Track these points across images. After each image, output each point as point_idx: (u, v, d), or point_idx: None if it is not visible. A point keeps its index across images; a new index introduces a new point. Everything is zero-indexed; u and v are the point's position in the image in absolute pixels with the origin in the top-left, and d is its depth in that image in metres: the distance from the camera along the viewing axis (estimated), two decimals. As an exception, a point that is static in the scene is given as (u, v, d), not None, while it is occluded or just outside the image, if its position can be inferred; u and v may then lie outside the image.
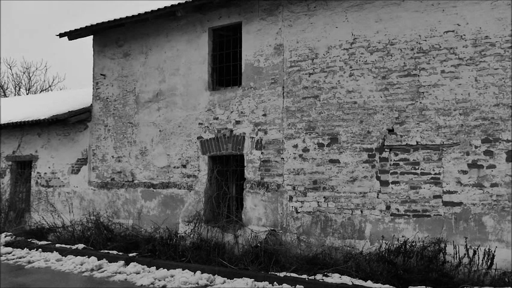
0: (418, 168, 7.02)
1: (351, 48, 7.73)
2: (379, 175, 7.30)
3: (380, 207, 7.24)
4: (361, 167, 7.46)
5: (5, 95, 28.10)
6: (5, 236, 10.20)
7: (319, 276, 6.73)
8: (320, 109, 7.92)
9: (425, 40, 7.12)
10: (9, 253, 9.50)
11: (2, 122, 12.33)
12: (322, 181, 7.79)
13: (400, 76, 7.26)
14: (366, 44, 7.60)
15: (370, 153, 7.41)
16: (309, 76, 8.08)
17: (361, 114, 7.53)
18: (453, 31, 6.94)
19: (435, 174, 6.89)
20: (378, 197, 7.28)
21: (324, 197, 7.75)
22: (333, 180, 7.69)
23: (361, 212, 7.39)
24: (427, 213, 6.90)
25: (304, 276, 6.77)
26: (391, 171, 7.22)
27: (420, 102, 7.08)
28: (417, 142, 7.05)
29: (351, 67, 7.69)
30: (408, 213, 7.03)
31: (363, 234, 7.34)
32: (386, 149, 7.29)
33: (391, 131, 7.27)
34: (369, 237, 7.28)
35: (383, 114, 7.35)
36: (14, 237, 10.23)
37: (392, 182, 7.18)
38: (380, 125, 7.36)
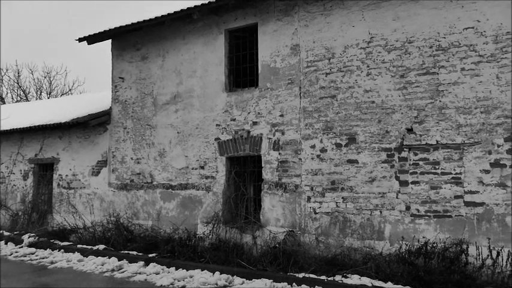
0: (438, 168, 6.91)
1: (368, 47, 7.66)
2: (398, 175, 7.21)
3: (399, 208, 7.15)
4: (379, 167, 7.39)
5: (27, 99, 28.72)
6: (29, 237, 10.42)
7: (338, 277, 6.69)
8: (337, 109, 7.87)
9: (444, 37, 7.01)
10: (32, 253, 9.70)
11: (25, 126, 12.60)
12: (340, 181, 7.74)
13: (419, 74, 7.16)
14: (383, 43, 7.52)
15: (389, 153, 7.33)
16: (326, 76, 8.04)
17: (379, 114, 7.46)
18: (473, 27, 6.81)
19: (456, 174, 6.77)
20: (397, 197, 7.19)
21: (343, 198, 7.70)
22: (351, 181, 7.63)
23: (380, 212, 7.32)
24: (448, 214, 6.78)
25: (323, 277, 6.73)
26: (410, 171, 7.12)
27: (440, 101, 6.97)
28: (437, 141, 6.95)
29: (368, 66, 7.62)
30: (429, 214, 6.93)
31: (382, 235, 7.26)
32: (405, 149, 7.20)
33: (410, 130, 7.17)
34: (389, 238, 7.19)
35: (401, 113, 7.26)
36: (37, 238, 10.43)
37: (412, 182, 7.09)
38: (399, 124, 7.27)
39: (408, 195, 7.10)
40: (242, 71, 9.60)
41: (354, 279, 6.58)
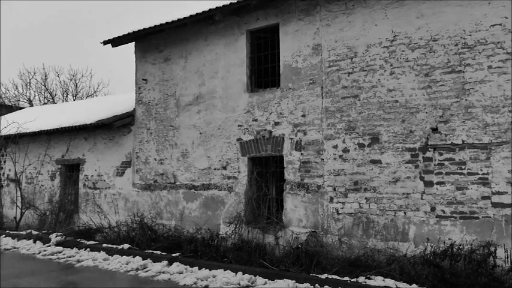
0: (464, 168, 6.77)
1: (391, 45, 7.56)
2: (423, 175, 7.09)
3: (424, 209, 7.03)
4: (403, 167, 7.28)
5: (53, 102, 29.43)
6: (56, 236, 10.66)
7: (361, 279, 6.62)
8: (360, 109, 7.79)
9: (470, 35, 6.86)
10: (59, 252, 9.92)
11: (52, 128, 12.91)
12: (363, 182, 7.66)
13: (444, 73, 7.03)
14: (407, 41, 7.41)
15: (413, 153, 7.21)
16: (348, 75, 7.97)
17: (403, 113, 7.35)
18: (500, 24, 6.64)
19: (483, 174, 6.62)
20: (422, 198, 7.07)
21: (366, 198, 7.62)
22: (375, 181, 7.54)
23: (405, 213, 7.21)
24: (475, 215, 6.63)
25: (346, 278, 6.67)
26: (435, 172, 6.99)
27: (466, 100, 6.83)
28: (463, 141, 6.80)
29: (391, 65, 7.53)
30: (455, 215, 6.79)
31: (406, 236, 7.16)
32: (430, 149, 7.07)
33: (435, 129, 7.04)
34: (413, 239, 7.08)
35: (426, 112, 7.13)
36: (64, 237, 10.66)
37: (437, 183, 6.96)
38: (423, 123, 7.15)
39: (433, 196, 6.98)
40: (264, 72, 9.61)
41: (378, 280, 6.50)
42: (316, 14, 8.45)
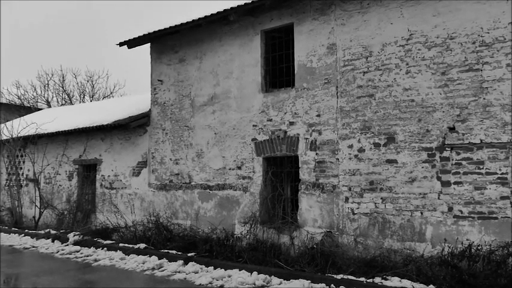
0: (482, 168, 6.66)
1: (407, 44, 7.48)
2: (440, 175, 7.00)
3: (441, 209, 6.95)
4: (420, 167, 7.20)
5: (71, 103, 29.86)
6: (74, 236, 10.81)
7: (377, 280, 6.57)
8: (376, 108, 7.74)
9: (488, 32, 6.75)
10: (77, 251, 10.07)
11: (69, 128, 13.11)
12: (379, 182, 7.60)
13: (461, 71, 6.93)
14: (423, 40, 7.33)
15: (430, 152, 7.13)
16: (364, 75, 7.92)
17: (419, 113, 7.27)
18: (519, 21, 6.52)
19: (502, 173, 6.51)
20: (439, 198, 6.99)
21: (382, 198, 7.56)
22: (391, 181, 7.48)
23: (421, 213, 7.13)
24: (494, 215, 6.53)
25: (362, 279, 6.62)
26: (453, 171, 6.90)
27: (484, 98, 6.72)
28: (481, 140, 6.70)
29: (407, 64, 7.45)
30: (473, 215, 6.69)
31: (423, 236, 7.08)
32: (447, 148, 6.98)
33: (452, 129, 6.95)
34: (430, 239, 7.00)
35: (443, 111, 7.05)
36: (81, 236, 10.81)
37: (455, 183, 6.86)
38: (440, 123, 7.06)
39: (450, 196, 6.88)
40: (278, 72, 9.61)
41: (394, 281, 6.44)
42: (331, 14, 8.41)
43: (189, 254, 8.69)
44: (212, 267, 8.05)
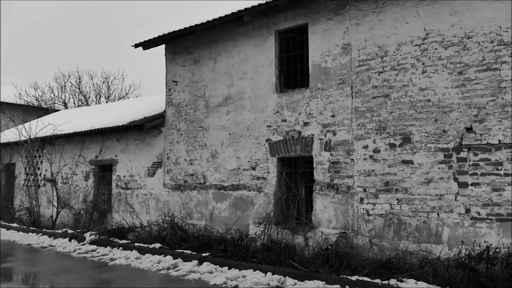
0: (501, 169, 6.55)
1: (423, 43, 7.40)
2: (457, 176, 6.90)
3: (458, 211, 6.85)
4: (436, 167, 7.11)
5: (87, 104, 30.23)
6: (90, 235, 10.95)
7: (393, 281, 6.51)
8: (391, 108, 7.67)
9: (507, 31, 6.64)
10: (94, 250, 10.19)
11: (85, 129, 13.28)
12: (394, 182, 7.53)
13: (479, 71, 6.83)
14: (439, 39, 7.24)
15: (447, 153, 7.04)
16: (379, 75, 7.86)
17: (436, 113, 7.18)
18: (539, 20, 6.40)
19: (521, 175, 6.38)
20: (455, 199, 6.89)
21: (397, 199, 7.48)
22: (406, 182, 7.40)
23: (438, 215, 7.04)
24: (512, 217, 6.41)
25: (377, 280, 6.57)
26: (470, 172, 6.80)
27: (502, 98, 6.61)
28: (499, 141, 6.59)
29: (423, 64, 7.37)
30: (491, 217, 6.58)
31: (440, 238, 6.99)
32: (464, 149, 6.88)
33: (469, 129, 6.85)
34: (447, 241, 6.90)
35: (460, 112, 6.95)
36: (98, 236, 10.94)
37: (472, 184, 6.76)
38: (457, 123, 6.96)
39: (468, 197, 6.78)
40: (292, 72, 9.59)
41: (410, 283, 6.38)
42: (345, 13, 8.37)
43: (204, 254, 8.72)
44: (226, 267, 8.08)
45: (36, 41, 64.02)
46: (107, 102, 30.70)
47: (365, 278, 6.69)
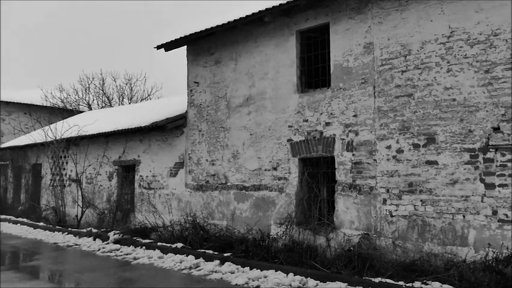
0: (529, 170, 6.36)
1: (448, 42, 7.25)
2: (484, 177, 6.73)
3: (485, 212, 6.68)
4: (462, 168, 6.95)
5: (110, 105, 30.73)
6: (114, 234, 11.12)
7: (417, 284, 6.40)
8: (415, 108, 7.54)
9: (536, 28, 6.44)
10: (117, 249, 10.35)
11: (109, 130, 13.50)
12: (418, 183, 7.40)
13: (506, 69, 6.65)
14: (465, 37, 7.08)
15: (473, 153, 6.87)
16: (402, 74, 7.74)
17: (461, 112, 7.03)
18: None
19: (551, 175, 6.19)
20: (482, 201, 6.72)
21: (421, 200, 7.35)
22: (431, 183, 7.26)
23: (463, 216, 6.89)
24: (542, 219, 6.21)
25: (401, 283, 6.47)
26: (497, 173, 6.62)
27: (531, 97, 6.42)
28: (528, 140, 6.39)
29: (448, 62, 7.22)
30: (519, 219, 6.39)
31: (465, 240, 6.83)
32: (491, 149, 6.71)
33: (496, 129, 6.67)
34: (473, 244, 6.74)
35: (486, 111, 6.78)
36: (121, 235, 11.10)
37: (500, 185, 6.58)
38: (483, 123, 6.80)
39: (495, 199, 6.61)
40: (314, 72, 9.53)
41: (435, 286, 6.26)
42: (367, 12, 8.27)
43: (225, 254, 8.76)
44: (248, 267, 8.09)
45: (61, 43, 65.49)
46: (129, 103, 31.14)
47: (388, 280, 6.60)
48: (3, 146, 20.73)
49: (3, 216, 17.35)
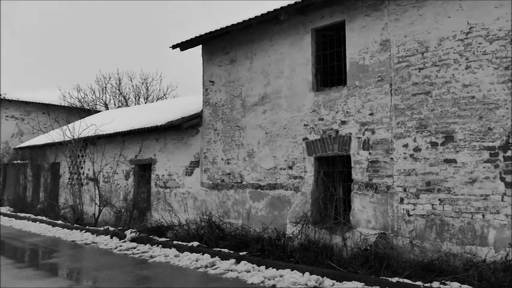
0: (552, 168, 6.21)
1: (466, 38, 7.13)
2: (504, 176, 6.60)
3: (506, 212, 6.55)
4: (481, 167, 6.83)
5: (127, 105, 31.03)
6: (131, 233, 11.22)
7: (435, 284, 6.31)
8: (432, 106, 7.43)
9: (558, 23, 6.29)
10: (134, 248, 10.45)
11: (125, 129, 13.62)
12: (436, 182, 7.29)
13: (527, 65, 6.50)
14: (484, 33, 6.95)
15: (492, 152, 6.74)
16: (419, 71, 7.63)
17: (480, 110, 6.90)
18: None
19: None
20: (502, 200, 6.59)
21: (439, 199, 7.24)
22: (449, 182, 7.15)
23: (483, 216, 6.76)
24: None
25: (419, 283, 6.39)
26: (518, 172, 6.48)
27: (553, 94, 6.27)
28: (550, 138, 6.25)
29: (467, 59, 7.09)
30: (541, 219, 6.25)
31: (485, 240, 6.71)
32: (511, 147, 6.57)
33: (517, 126, 6.53)
34: (493, 244, 6.62)
35: (507, 108, 6.64)
36: (138, 233, 11.20)
37: (520, 184, 6.44)
38: (503, 120, 6.66)
39: (516, 197, 6.47)
40: (329, 70, 9.47)
41: (454, 286, 6.17)
42: (384, 9, 8.18)
43: (241, 253, 8.76)
44: (264, 266, 8.08)
45: (78, 44, 66.38)
46: (145, 103, 31.40)
47: (406, 280, 6.52)
48: (22, 145, 21.12)
49: (22, 214, 17.66)
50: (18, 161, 21.64)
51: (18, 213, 18.20)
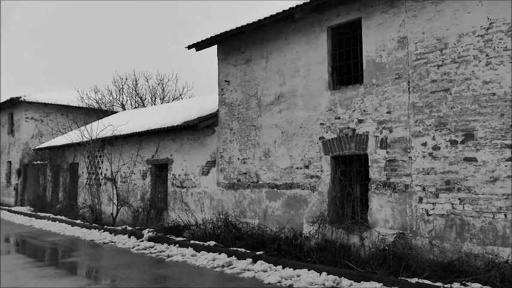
0: None
1: (486, 34, 6.97)
2: (527, 174, 6.44)
3: (528, 211, 6.39)
4: (503, 165, 6.67)
5: (143, 105, 31.30)
6: (148, 232, 11.31)
7: (456, 285, 6.20)
8: (452, 103, 7.29)
9: None
10: (151, 247, 10.52)
11: (142, 130, 13.74)
12: (456, 181, 7.16)
13: (550, 61, 6.33)
14: (505, 28, 6.78)
15: (514, 149, 6.58)
16: (438, 68, 7.50)
17: (502, 107, 6.74)
18: None
19: None
20: (525, 199, 6.43)
21: (459, 199, 7.11)
22: (469, 181, 7.01)
23: (505, 216, 6.61)
24: None
25: (439, 283, 6.28)
26: (541, 170, 6.32)
27: None
28: None
29: (487, 55, 6.94)
30: None
31: (507, 240, 6.55)
32: (534, 145, 6.40)
33: (540, 124, 6.37)
34: (516, 244, 6.47)
35: (529, 105, 6.48)
36: (155, 233, 11.28)
37: (544, 182, 6.28)
38: (526, 117, 6.50)
39: (539, 197, 6.31)
40: (346, 68, 9.38)
41: (475, 287, 6.03)
42: (401, 6, 8.06)
43: (258, 253, 8.74)
44: (280, 266, 8.04)
45: (95, 45, 67.28)
46: (161, 103, 31.63)
47: (425, 281, 6.42)
48: (42, 146, 21.49)
49: (42, 214, 17.96)
50: (38, 162, 22.03)
51: (38, 213, 18.52)
